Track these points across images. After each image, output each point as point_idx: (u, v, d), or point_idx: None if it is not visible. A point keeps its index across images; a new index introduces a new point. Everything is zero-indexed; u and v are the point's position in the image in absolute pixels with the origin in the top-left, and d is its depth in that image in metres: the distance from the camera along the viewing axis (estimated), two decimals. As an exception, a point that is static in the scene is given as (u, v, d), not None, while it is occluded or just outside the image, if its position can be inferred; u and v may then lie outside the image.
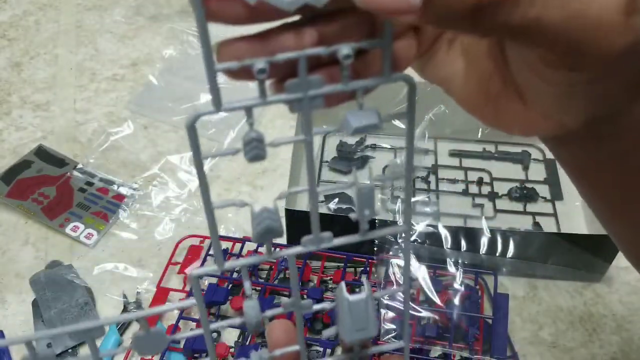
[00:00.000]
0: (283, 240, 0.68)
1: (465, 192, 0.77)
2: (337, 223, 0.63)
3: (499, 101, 0.29)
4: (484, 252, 0.67)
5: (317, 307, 0.29)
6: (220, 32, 0.24)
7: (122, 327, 0.65)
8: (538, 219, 0.75)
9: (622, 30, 0.22)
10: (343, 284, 0.29)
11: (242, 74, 0.23)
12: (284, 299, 0.28)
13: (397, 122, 0.82)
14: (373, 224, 0.66)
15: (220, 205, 0.26)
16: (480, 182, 0.78)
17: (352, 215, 0.26)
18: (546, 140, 0.33)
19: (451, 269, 0.66)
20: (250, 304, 0.28)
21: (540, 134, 0.30)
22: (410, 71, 0.27)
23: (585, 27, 0.22)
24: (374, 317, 0.29)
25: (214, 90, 0.22)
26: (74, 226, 0.74)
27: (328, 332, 0.30)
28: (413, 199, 0.73)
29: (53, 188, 0.78)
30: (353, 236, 0.28)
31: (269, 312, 0.29)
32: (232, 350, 0.61)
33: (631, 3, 0.22)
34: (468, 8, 0.21)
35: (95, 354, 0.27)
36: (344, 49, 0.22)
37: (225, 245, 0.69)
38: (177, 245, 0.70)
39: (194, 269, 0.26)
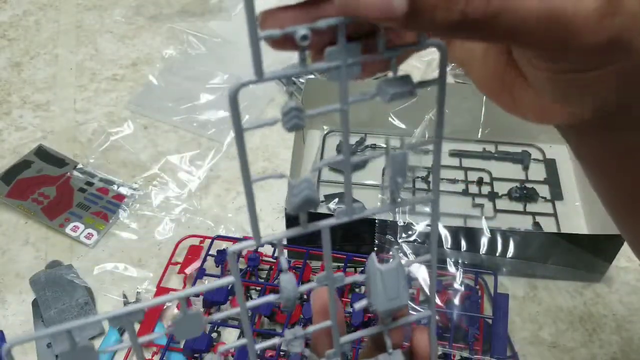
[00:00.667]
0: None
1: (465, 192, 0.77)
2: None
3: (514, 89, 0.30)
4: (484, 252, 0.67)
5: (349, 279, 0.30)
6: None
7: (122, 327, 0.64)
8: (538, 219, 0.75)
9: (597, 29, 0.23)
10: (374, 255, 0.29)
11: (285, 42, 0.23)
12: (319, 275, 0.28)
13: (397, 122, 0.82)
14: (373, 224, 0.66)
15: (259, 178, 0.26)
16: (480, 182, 0.78)
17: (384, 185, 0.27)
18: (563, 131, 0.33)
19: (451, 269, 0.66)
20: (286, 277, 0.28)
21: (553, 121, 0.31)
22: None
23: (559, 23, 0.23)
24: (404, 286, 0.29)
25: (257, 59, 0.23)
26: (74, 226, 0.74)
27: (359, 305, 0.30)
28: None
29: (53, 188, 0.78)
30: (386, 205, 0.28)
31: (303, 287, 0.29)
32: (232, 350, 0.61)
33: (606, 6, 0.23)
34: (453, 22, 0.22)
35: (134, 339, 0.27)
36: None
37: (225, 245, 0.69)
38: (177, 245, 0.70)
39: (231, 246, 0.26)
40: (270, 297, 0.29)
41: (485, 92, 0.32)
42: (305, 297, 0.64)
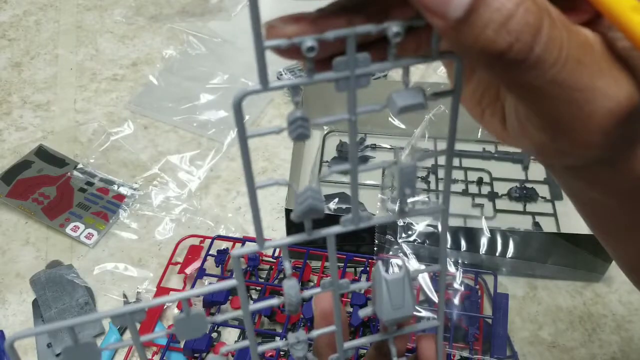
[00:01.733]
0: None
1: (465, 192, 0.77)
2: (337, 223, 0.63)
3: (486, 111, 0.30)
4: (483, 252, 0.67)
5: (354, 286, 0.29)
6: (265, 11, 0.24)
7: (122, 327, 0.65)
8: (538, 219, 0.75)
9: (599, 132, 0.23)
10: (380, 263, 0.29)
11: (291, 52, 0.23)
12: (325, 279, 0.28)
13: (397, 122, 0.82)
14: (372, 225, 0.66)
15: (264, 184, 0.26)
16: (480, 182, 0.78)
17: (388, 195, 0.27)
18: (557, 173, 0.32)
19: (451, 269, 0.66)
20: (290, 283, 0.27)
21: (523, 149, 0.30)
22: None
23: (574, 116, 0.23)
24: (410, 296, 0.29)
25: (262, 68, 0.22)
26: (74, 226, 0.74)
27: (364, 312, 0.30)
28: (412, 200, 0.73)
29: (53, 188, 0.78)
30: (390, 215, 0.28)
31: (308, 293, 0.29)
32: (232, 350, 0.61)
33: (618, 111, 0.23)
34: (495, 50, 0.21)
35: (136, 338, 0.27)
36: (394, 27, 0.22)
37: (225, 245, 0.69)
38: (177, 245, 0.70)
39: (235, 250, 0.26)
40: (274, 301, 0.29)
41: (463, 103, 0.31)
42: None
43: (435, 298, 0.62)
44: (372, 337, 0.32)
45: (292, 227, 0.66)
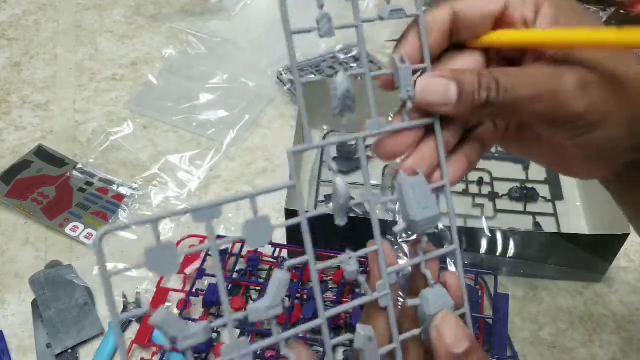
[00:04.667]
0: (283, 240, 0.68)
1: (465, 192, 0.77)
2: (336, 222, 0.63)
3: (565, 159, 0.38)
4: (484, 252, 0.67)
5: (384, 198, 0.35)
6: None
7: (122, 327, 0.64)
8: (538, 219, 0.75)
9: (578, 97, 0.32)
10: (402, 171, 0.33)
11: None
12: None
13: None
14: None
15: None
16: (480, 182, 0.78)
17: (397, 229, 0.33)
18: (606, 184, 0.41)
19: (451, 268, 0.66)
20: (341, 181, 0.31)
21: (596, 177, 0.39)
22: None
23: (551, 96, 0.32)
24: (433, 198, 0.33)
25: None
26: (74, 226, 0.74)
27: (399, 228, 0.33)
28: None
29: (53, 188, 0.78)
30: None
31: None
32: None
33: (582, 80, 0.32)
34: (480, 103, 0.32)
35: (212, 236, 0.29)
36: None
37: (225, 245, 0.69)
38: (177, 245, 0.70)
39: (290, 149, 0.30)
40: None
41: (547, 166, 0.42)
42: (304, 297, 0.64)
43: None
44: (409, 262, 0.35)
45: (292, 227, 0.66)
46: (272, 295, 0.30)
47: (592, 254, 0.66)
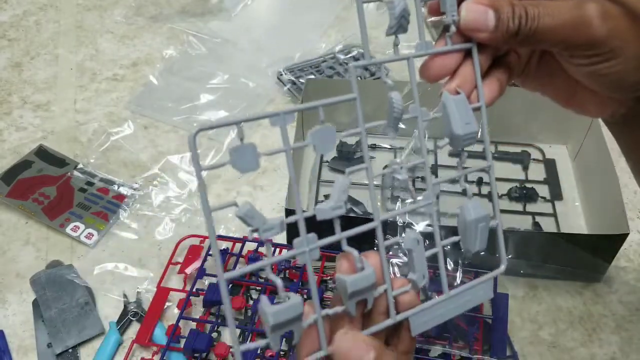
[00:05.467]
0: (283, 240, 0.68)
1: (464, 192, 0.77)
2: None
3: (576, 94, 0.41)
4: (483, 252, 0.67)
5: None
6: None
7: (122, 327, 0.65)
8: (538, 219, 0.75)
9: (599, 24, 0.35)
10: (445, 91, 0.37)
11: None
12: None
13: (397, 122, 0.82)
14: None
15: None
16: (480, 182, 0.78)
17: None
18: (612, 126, 0.43)
19: (451, 268, 0.66)
20: (397, 95, 0.36)
21: (606, 113, 0.42)
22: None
23: (574, 24, 0.35)
24: (474, 115, 0.36)
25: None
26: (75, 226, 0.74)
27: (442, 142, 0.38)
28: (412, 200, 0.72)
29: (53, 188, 0.78)
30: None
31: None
32: (232, 350, 0.62)
33: (602, 10, 0.35)
34: (511, 32, 0.35)
35: (285, 139, 0.32)
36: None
37: (225, 245, 0.69)
38: (177, 245, 0.70)
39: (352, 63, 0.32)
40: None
41: (559, 102, 0.43)
42: (304, 297, 0.64)
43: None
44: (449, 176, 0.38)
45: (292, 227, 0.66)
46: (335, 197, 0.33)
47: (591, 254, 0.66)
